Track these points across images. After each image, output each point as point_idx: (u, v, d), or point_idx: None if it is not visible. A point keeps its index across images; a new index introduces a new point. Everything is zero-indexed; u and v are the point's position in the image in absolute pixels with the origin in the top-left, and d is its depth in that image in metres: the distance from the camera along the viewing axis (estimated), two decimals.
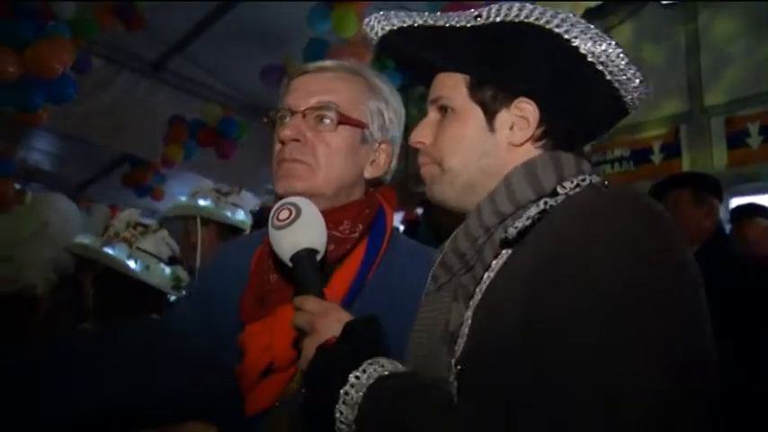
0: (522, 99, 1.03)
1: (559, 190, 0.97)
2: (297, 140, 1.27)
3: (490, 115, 1.05)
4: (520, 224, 0.94)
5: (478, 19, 1.07)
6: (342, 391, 0.92)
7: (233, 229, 2.74)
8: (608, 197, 0.92)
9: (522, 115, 1.04)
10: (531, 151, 1.04)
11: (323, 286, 1.11)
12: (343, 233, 1.25)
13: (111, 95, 6.07)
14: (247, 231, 2.80)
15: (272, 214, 1.15)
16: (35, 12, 4.17)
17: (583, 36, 1.00)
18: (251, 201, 2.89)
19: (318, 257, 1.13)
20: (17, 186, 7.05)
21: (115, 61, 5.98)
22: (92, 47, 5.05)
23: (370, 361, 0.94)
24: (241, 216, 2.80)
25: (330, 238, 1.20)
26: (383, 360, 0.95)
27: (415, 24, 1.10)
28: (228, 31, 5.33)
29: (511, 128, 1.05)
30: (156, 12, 4.85)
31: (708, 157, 4.62)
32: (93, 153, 7.32)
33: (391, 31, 1.11)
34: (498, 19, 1.05)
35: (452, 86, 1.09)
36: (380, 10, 1.15)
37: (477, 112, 1.06)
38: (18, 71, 4.01)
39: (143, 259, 2.37)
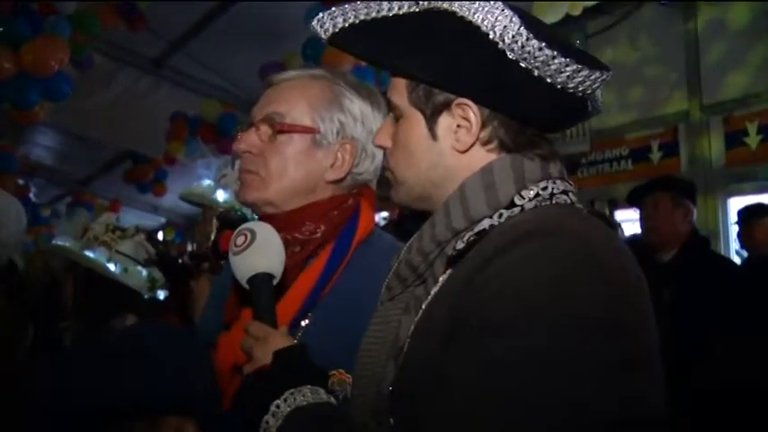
0: (459, 99, 0.94)
1: (517, 201, 0.92)
2: (249, 152, 1.30)
3: (431, 121, 0.97)
4: (461, 245, 0.91)
5: (420, 3, 0.96)
6: (264, 419, 0.93)
7: None
8: (547, 237, 0.83)
9: (464, 116, 0.94)
10: (481, 156, 0.95)
11: (273, 308, 1.13)
12: (305, 234, 1.26)
13: (113, 92, 6.11)
14: None
15: (231, 239, 1.18)
16: (34, 8, 4.19)
17: (503, 30, 0.86)
18: None
19: (275, 281, 1.15)
20: (20, 182, 7.09)
21: (117, 58, 6.02)
22: (93, 44, 5.07)
23: (292, 390, 0.95)
24: (232, 219, 2.76)
25: (293, 241, 1.23)
26: (306, 389, 0.96)
27: (357, 21, 1.00)
28: (229, 28, 5.36)
29: (455, 132, 0.96)
30: (156, 9, 4.88)
31: (706, 156, 4.62)
32: (95, 149, 7.36)
33: (342, 29, 1.01)
34: (426, 6, 0.95)
35: (397, 89, 1.01)
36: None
37: (419, 118, 0.98)
38: (14, 68, 4.03)
39: (122, 262, 2.46)
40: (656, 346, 0.84)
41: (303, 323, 1.21)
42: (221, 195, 2.70)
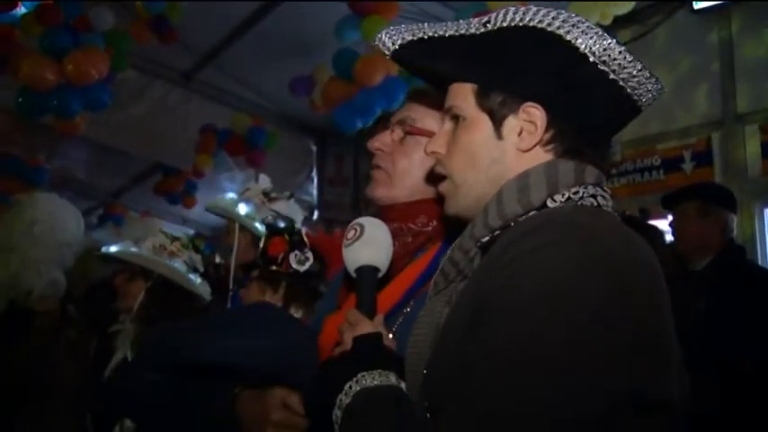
0: (528, 104, 1.03)
1: (549, 204, 1.00)
2: (381, 150, 1.47)
3: (498, 122, 1.06)
4: (486, 238, 1.01)
5: (488, 25, 1.07)
6: (338, 397, 1.03)
7: None
8: (556, 229, 0.91)
9: (530, 120, 1.04)
10: (540, 156, 1.04)
11: (372, 299, 1.22)
12: (418, 225, 1.38)
13: (144, 105, 6.20)
14: None
15: (345, 232, 1.30)
16: (72, 23, 4.28)
17: (584, 36, 0.99)
18: (297, 211, 2.81)
19: (380, 274, 1.25)
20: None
21: (148, 71, 6.11)
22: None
23: (364, 373, 1.03)
24: (279, 227, 2.79)
25: (407, 230, 1.37)
26: (376, 372, 1.04)
27: (426, 36, 1.12)
28: (259, 41, 5.41)
29: (519, 133, 1.05)
30: (187, 23, 4.94)
31: (741, 166, 4.54)
32: (125, 162, 7.46)
33: (402, 45, 1.13)
34: (504, 24, 1.05)
35: (462, 96, 1.11)
36: (409, 19, 1.17)
37: (486, 121, 1.08)
38: (56, 79, 4.12)
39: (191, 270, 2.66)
40: (667, 337, 0.90)
41: (405, 310, 1.31)
42: (243, 209, 2.78)
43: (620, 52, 0.98)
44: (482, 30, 1.08)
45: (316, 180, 7.66)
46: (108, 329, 2.76)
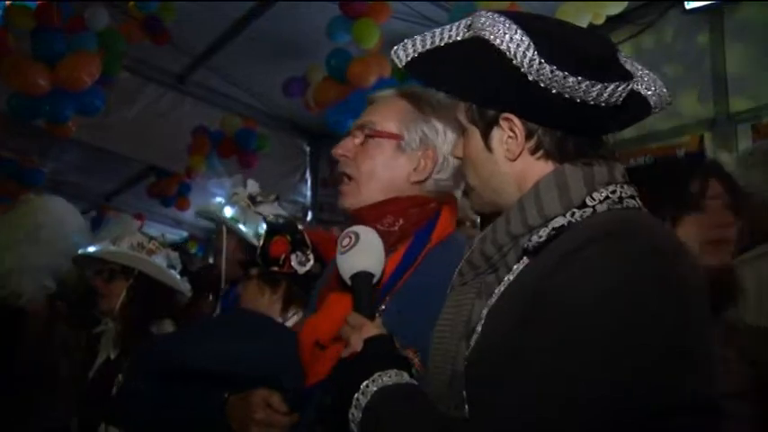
0: (504, 114, 1.06)
1: (588, 202, 1.02)
2: (345, 156, 1.53)
3: (485, 135, 1.11)
4: (539, 239, 1.02)
5: (450, 37, 1.12)
6: (355, 397, 1.06)
7: (251, 244, 2.76)
8: (619, 240, 0.94)
9: (511, 128, 1.07)
10: (530, 163, 1.08)
11: (370, 302, 1.27)
12: (385, 225, 1.43)
13: (137, 108, 6.17)
14: None
15: (338, 240, 1.35)
16: (65, 24, 4.26)
17: (514, 47, 0.98)
18: (282, 213, 2.89)
19: (374, 280, 1.30)
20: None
21: (140, 74, 6.09)
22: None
23: (380, 372, 1.07)
24: (263, 229, 2.81)
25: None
26: (392, 371, 1.08)
27: (424, 49, 1.15)
28: (252, 42, 5.40)
29: (505, 143, 1.08)
30: (180, 24, 4.93)
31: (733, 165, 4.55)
32: (118, 164, 7.43)
33: (408, 64, 1.16)
34: (459, 38, 1.10)
35: (460, 108, 1.16)
36: (401, 21, 1.19)
37: (476, 133, 1.12)
38: (49, 85, 4.10)
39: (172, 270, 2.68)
40: (709, 346, 0.95)
41: (381, 307, 1.37)
42: (228, 212, 2.84)
43: (552, 71, 0.96)
44: (459, 36, 1.12)
45: (309, 181, 7.65)
46: (93, 330, 2.75)
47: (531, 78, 0.98)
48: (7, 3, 4.36)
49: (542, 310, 0.92)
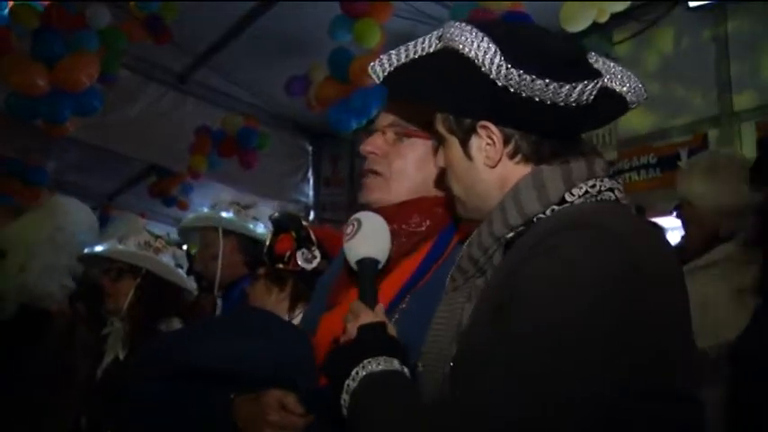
0: (481, 122, 1.08)
1: (567, 198, 1.04)
2: (374, 153, 1.49)
3: (464, 143, 1.12)
4: (509, 235, 1.06)
5: (424, 49, 1.15)
6: (345, 383, 1.08)
7: (254, 242, 2.75)
8: (583, 229, 0.96)
9: (488, 135, 1.09)
10: (510, 168, 1.10)
11: (372, 289, 1.27)
12: (411, 226, 1.42)
13: (138, 107, 6.16)
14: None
15: (345, 228, 1.35)
16: (66, 23, 4.25)
17: (482, 54, 1.00)
18: (264, 214, 2.90)
19: (379, 266, 1.30)
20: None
21: (142, 73, 6.08)
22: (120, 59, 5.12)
23: (369, 359, 1.08)
24: (261, 229, 2.81)
25: (401, 232, 1.40)
26: (381, 358, 1.09)
27: (400, 63, 1.18)
28: (253, 41, 5.39)
29: (485, 151, 1.10)
30: (181, 23, 4.91)
31: None
32: (120, 164, 7.42)
33: (389, 73, 1.19)
34: (431, 49, 1.12)
35: (437, 119, 1.17)
36: (403, 20, 1.18)
37: (455, 142, 1.14)
38: (47, 85, 4.09)
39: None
40: (686, 336, 0.98)
41: (402, 306, 1.37)
42: (225, 215, 2.86)
43: (519, 75, 0.99)
44: (432, 47, 1.15)
45: (312, 181, 7.64)
46: (101, 331, 2.74)
47: (500, 84, 1.00)
48: (10, 3, 4.35)
49: (510, 303, 0.94)
